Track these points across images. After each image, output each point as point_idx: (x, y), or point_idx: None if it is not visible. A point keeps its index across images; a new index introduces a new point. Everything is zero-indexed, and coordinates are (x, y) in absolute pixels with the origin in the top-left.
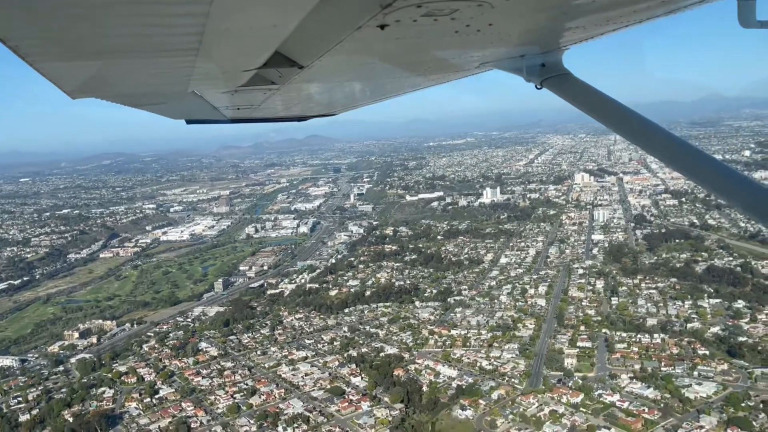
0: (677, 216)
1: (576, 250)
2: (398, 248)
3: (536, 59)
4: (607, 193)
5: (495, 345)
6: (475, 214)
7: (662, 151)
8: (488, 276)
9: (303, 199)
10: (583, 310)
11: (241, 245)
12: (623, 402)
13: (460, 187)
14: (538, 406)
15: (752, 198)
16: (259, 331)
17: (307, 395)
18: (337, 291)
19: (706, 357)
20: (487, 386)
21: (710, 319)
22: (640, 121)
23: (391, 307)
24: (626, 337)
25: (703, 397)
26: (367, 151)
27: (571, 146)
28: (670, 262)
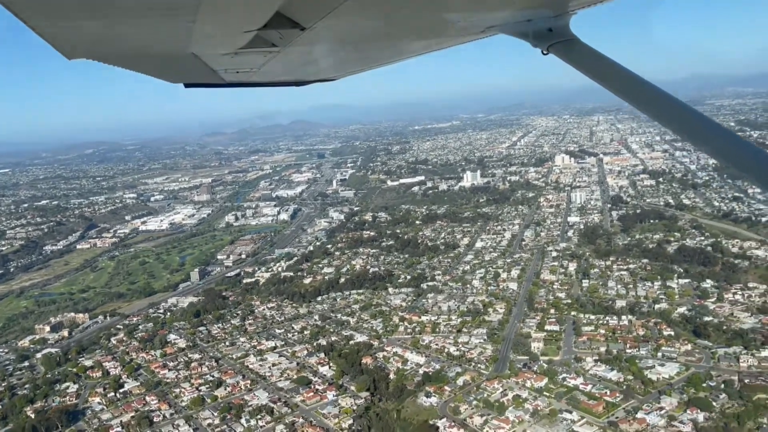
0: (653, 196)
1: (551, 233)
2: (376, 234)
3: (543, 23)
4: (587, 174)
5: (464, 330)
6: (454, 198)
7: (673, 120)
8: (463, 260)
9: (285, 186)
10: (553, 293)
11: (221, 234)
12: (586, 385)
13: (443, 171)
14: (502, 391)
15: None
16: (230, 321)
17: (273, 386)
18: (311, 279)
19: (671, 338)
20: (453, 372)
21: (678, 299)
22: (650, 90)
23: (364, 294)
24: (594, 320)
25: (665, 378)
26: (352, 135)
27: (555, 127)
28: (643, 243)
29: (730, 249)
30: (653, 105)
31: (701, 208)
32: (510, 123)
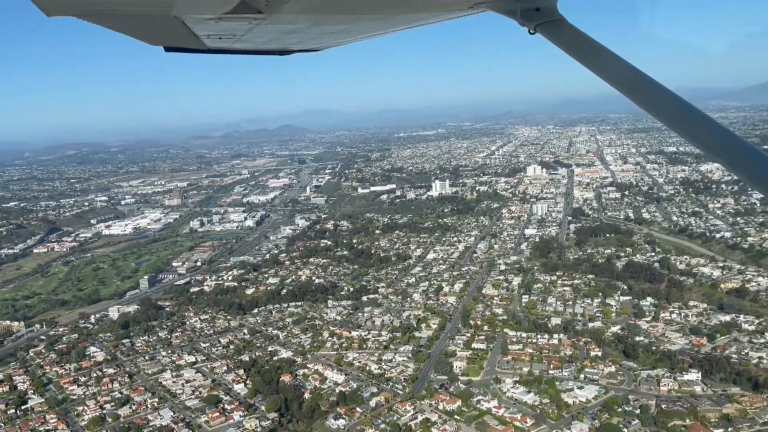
0: (615, 209)
1: (506, 245)
2: (332, 243)
3: (531, 2)
4: (555, 185)
5: (391, 347)
6: (421, 207)
7: (656, 106)
8: (410, 272)
9: (259, 192)
10: (491, 308)
11: (183, 239)
12: (500, 409)
13: (417, 179)
14: (413, 414)
15: (748, 161)
16: (157, 333)
17: (182, 404)
18: (254, 290)
19: (597, 359)
20: (368, 393)
21: (614, 317)
22: (634, 73)
23: (301, 307)
24: (525, 338)
25: (582, 402)
26: (337, 141)
27: (536, 137)
28: (593, 258)
29: (677, 266)
30: (635, 89)
31: (659, 222)
32: (494, 132)
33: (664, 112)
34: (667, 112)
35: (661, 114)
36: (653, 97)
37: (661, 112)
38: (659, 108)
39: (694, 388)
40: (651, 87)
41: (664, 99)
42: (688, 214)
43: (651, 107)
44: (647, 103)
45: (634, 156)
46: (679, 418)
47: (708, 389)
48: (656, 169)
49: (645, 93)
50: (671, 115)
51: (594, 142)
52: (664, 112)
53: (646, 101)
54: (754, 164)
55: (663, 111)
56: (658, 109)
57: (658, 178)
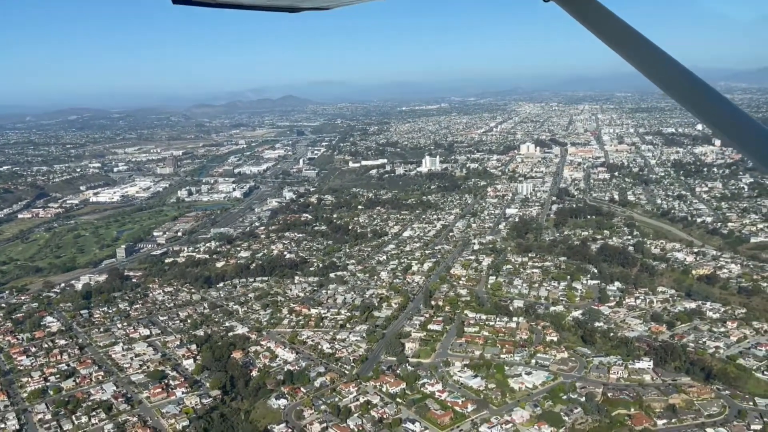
0: (602, 190)
1: (484, 225)
2: (312, 218)
3: None
4: (546, 164)
5: (347, 326)
6: (408, 183)
7: (672, 84)
8: (383, 250)
9: (253, 162)
10: (456, 289)
11: (169, 209)
12: (443, 392)
13: (410, 154)
14: (355, 395)
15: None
16: (118, 305)
17: (127, 379)
18: (224, 263)
19: (553, 344)
20: (315, 372)
21: (578, 302)
22: (653, 51)
23: (267, 282)
24: (484, 320)
25: (528, 388)
26: (338, 113)
27: (537, 115)
28: (569, 240)
29: (651, 250)
30: (653, 66)
31: (643, 205)
32: (496, 108)
33: (686, 96)
34: (690, 96)
35: (683, 98)
36: (675, 80)
37: (683, 96)
38: (681, 92)
39: (644, 376)
40: (672, 69)
41: (686, 82)
42: (673, 197)
43: (673, 91)
44: (669, 86)
45: (632, 136)
46: (624, 407)
47: (658, 378)
48: (651, 151)
49: (664, 74)
50: (694, 101)
51: (594, 121)
52: (685, 96)
53: (668, 84)
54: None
55: (685, 95)
56: (680, 93)
57: (651, 160)
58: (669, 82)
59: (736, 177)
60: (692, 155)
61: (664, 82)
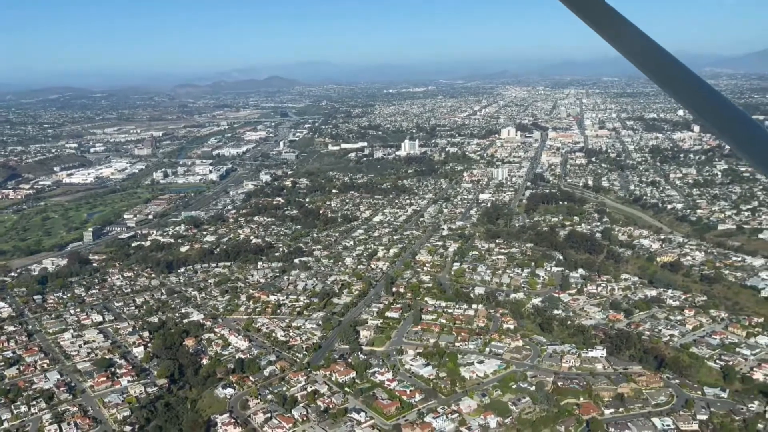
0: (578, 176)
1: (456, 210)
2: (285, 201)
3: None
4: (525, 149)
5: (305, 313)
6: (386, 166)
7: (664, 75)
8: (351, 235)
9: (233, 144)
10: (418, 276)
11: (142, 191)
12: (392, 382)
13: (392, 137)
14: (303, 385)
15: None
16: (74, 290)
17: (73, 367)
18: (188, 247)
19: (509, 331)
20: (266, 361)
21: (539, 289)
22: (637, 35)
23: (229, 268)
24: (443, 307)
25: (479, 377)
26: (324, 95)
27: (523, 98)
28: (538, 226)
29: (618, 237)
30: (638, 51)
31: (616, 191)
32: (483, 91)
33: (674, 85)
34: (674, 83)
35: (671, 87)
36: (656, 63)
37: (670, 84)
38: (669, 79)
39: (596, 365)
40: (655, 52)
41: (674, 70)
42: (647, 183)
43: (655, 75)
44: (648, 68)
45: (613, 121)
46: (573, 396)
47: (610, 367)
48: (630, 136)
49: (647, 57)
50: (677, 87)
51: (578, 106)
52: (673, 85)
53: (646, 65)
54: (747, 132)
55: (672, 83)
56: (668, 80)
57: (630, 145)
58: (667, 80)
59: (711, 163)
60: (670, 141)
61: (650, 69)
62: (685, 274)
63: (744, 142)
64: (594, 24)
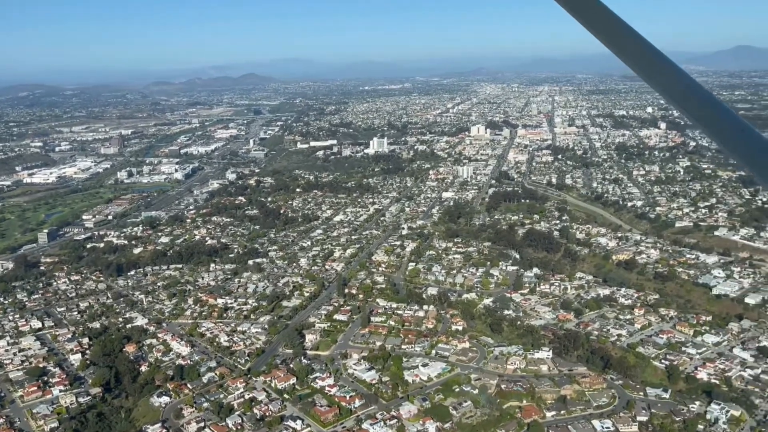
0: (543, 174)
1: (418, 209)
2: (246, 201)
3: None
4: (494, 147)
5: (252, 317)
6: (353, 165)
7: (637, 60)
8: (309, 235)
9: (203, 142)
10: (372, 277)
11: (105, 191)
12: (333, 387)
13: (363, 135)
14: (241, 392)
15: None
16: (15, 295)
17: (4, 376)
18: (142, 249)
19: (457, 333)
20: (206, 367)
21: (492, 288)
22: (623, 29)
23: (180, 270)
24: (393, 309)
25: (423, 381)
26: (300, 92)
27: (496, 96)
28: (498, 225)
29: (576, 235)
30: (622, 44)
31: (579, 189)
32: (458, 89)
33: (659, 80)
34: (655, 74)
35: (648, 75)
36: (638, 53)
37: (648, 73)
38: (646, 69)
39: (541, 367)
40: (639, 44)
41: (656, 62)
42: (610, 180)
43: (637, 67)
44: (630, 59)
45: (583, 118)
46: (516, 398)
47: (555, 368)
48: (598, 133)
49: (631, 50)
50: (657, 77)
51: (550, 103)
52: (658, 80)
53: (630, 57)
54: (739, 135)
55: (656, 78)
56: (644, 70)
57: (597, 142)
58: (661, 82)
59: (674, 160)
60: (637, 138)
61: (630, 59)
62: (639, 272)
63: (736, 144)
64: (587, 23)
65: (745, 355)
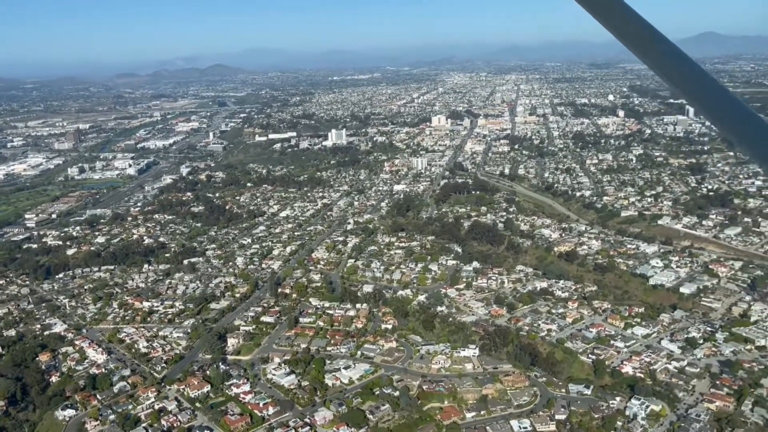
0: (497, 164)
1: (367, 202)
2: (192, 197)
3: None
4: (452, 137)
5: (176, 321)
6: (310, 157)
7: (643, 48)
8: (252, 232)
9: (162, 136)
10: (309, 275)
11: (53, 188)
12: (248, 394)
13: (324, 126)
14: (151, 402)
15: None
16: None
17: None
18: (76, 250)
19: (387, 332)
20: (119, 376)
21: (429, 284)
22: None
23: (113, 271)
24: (326, 308)
25: (343, 384)
26: (267, 83)
27: (463, 85)
28: (445, 218)
29: (520, 227)
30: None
31: (531, 179)
32: (426, 78)
33: (653, 57)
34: (657, 58)
35: (650, 59)
36: (656, 52)
37: (651, 57)
38: (647, 52)
39: (466, 365)
40: (656, 41)
41: (653, 42)
42: (562, 170)
43: (639, 50)
44: (635, 45)
45: (545, 107)
46: (438, 399)
47: (480, 366)
48: (557, 122)
49: (647, 45)
50: (659, 61)
51: (515, 92)
52: (652, 57)
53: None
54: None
55: (651, 55)
56: (646, 53)
57: (555, 131)
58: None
59: (628, 148)
60: (595, 126)
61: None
62: (580, 263)
63: (743, 134)
64: (594, 12)
65: (673, 347)
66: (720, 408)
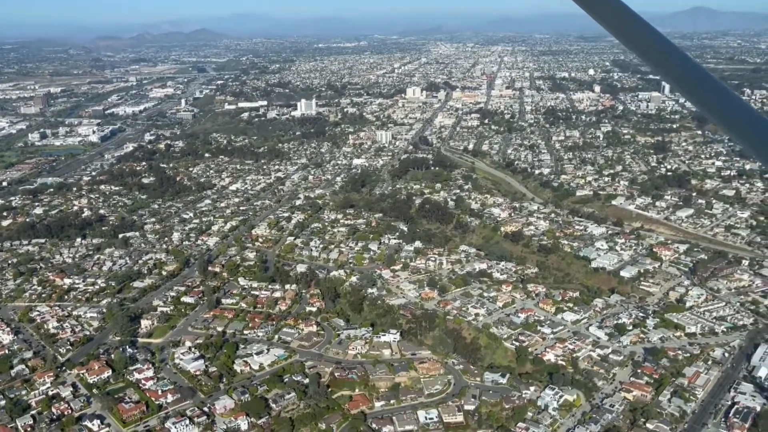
0: (463, 139)
1: (323, 176)
2: (146, 167)
3: None
4: (424, 110)
5: (94, 300)
6: (277, 127)
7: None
8: (196, 206)
9: (134, 102)
10: (243, 253)
11: (11, 154)
12: (150, 380)
13: (298, 95)
14: (47, 388)
15: None
16: None
17: None
18: (11, 221)
19: (310, 314)
20: (19, 358)
21: (366, 264)
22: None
23: (43, 245)
24: (254, 288)
25: (254, 370)
26: (250, 49)
27: (447, 56)
28: (398, 194)
29: (470, 205)
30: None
31: (493, 155)
32: (412, 47)
33: (646, 50)
34: (649, 50)
35: (643, 52)
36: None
37: (643, 50)
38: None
39: (384, 351)
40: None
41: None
42: (526, 146)
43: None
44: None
45: (524, 80)
46: (349, 387)
47: (398, 353)
48: (533, 96)
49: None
50: (650, 53)
51: (497, 64)
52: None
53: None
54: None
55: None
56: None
57: (528, 106)
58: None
59: (598, 125)
60: (569, 101)
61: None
62: (525, 244)
63: (744, 134)
64: (594, 12)
65: (600, 333)
66: (637, 398)
